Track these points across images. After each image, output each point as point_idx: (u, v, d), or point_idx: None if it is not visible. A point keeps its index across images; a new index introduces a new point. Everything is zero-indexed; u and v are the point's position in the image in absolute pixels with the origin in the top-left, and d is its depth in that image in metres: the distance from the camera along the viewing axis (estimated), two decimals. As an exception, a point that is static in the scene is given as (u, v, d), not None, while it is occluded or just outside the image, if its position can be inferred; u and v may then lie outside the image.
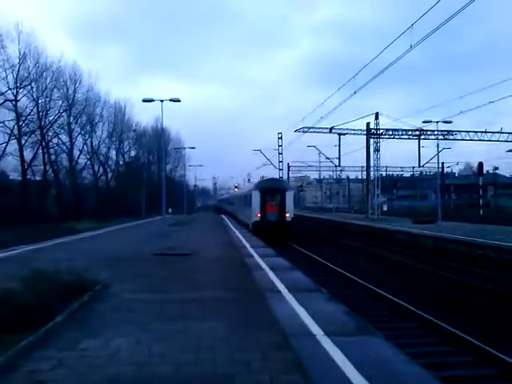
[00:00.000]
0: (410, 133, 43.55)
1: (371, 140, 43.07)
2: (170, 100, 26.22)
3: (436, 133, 39.04)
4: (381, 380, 4.53)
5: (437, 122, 34.04)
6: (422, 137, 43.72)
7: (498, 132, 43.42)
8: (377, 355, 5.37)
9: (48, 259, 13.11)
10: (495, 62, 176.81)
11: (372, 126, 42.60)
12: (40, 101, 45.72)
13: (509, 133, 42.74)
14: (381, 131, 42.66)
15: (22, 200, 42.20)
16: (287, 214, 28.50)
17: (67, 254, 15.84)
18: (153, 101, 26.39)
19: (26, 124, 44.03)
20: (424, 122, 34.61)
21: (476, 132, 43.68)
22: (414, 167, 67.38)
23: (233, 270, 12.02)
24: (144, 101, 26.40)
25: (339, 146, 46.05)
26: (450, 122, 35.63)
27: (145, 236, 25.29)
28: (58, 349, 5.56)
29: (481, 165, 55.97)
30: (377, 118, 42.16)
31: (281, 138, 62.29)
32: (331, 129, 44.18)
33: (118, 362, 5.11)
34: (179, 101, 26.24)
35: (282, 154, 62.98)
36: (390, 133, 43.35)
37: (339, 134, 45.06)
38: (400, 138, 44.31)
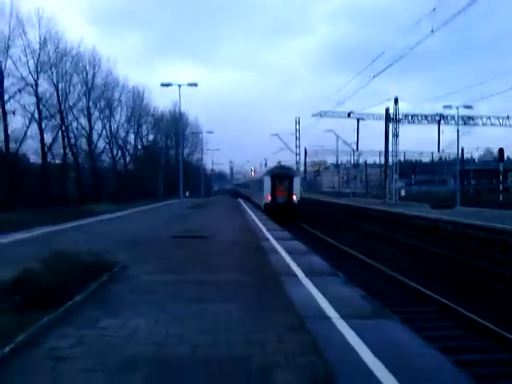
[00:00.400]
0: (429, 118, 42.98)
1: (390, 125, 42.59)
2: (188, 85, 26.29)
3: (456, 118, 38.39)
4: (396, 363, 4.53)
5: (457, 107, 33.49)
6: (442, 122, 43.13)
7: (519, 117, 42.55)
8: (392, 338, 5.38)
9: (68, 241, 13.35)
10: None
11: (391, 111, 42.10)
12: (60, 85, 46.15)
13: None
14: (400, 116, 42.13)
15: (42, 183, 42.83)
16: (294, 197, 32.48)
17: (87, 235, 16.10)
18: (171, 85, 26.49)
19: (46, 108, 44.50)
20: (444, 106, 34.21)
21: (498, 117, 42.89)
22: (433, 153, 66.78)
23: (249, 252, 12.08)
24: (162, 85, 26.50)
25: (357, 130, 45.82)
26: (470, 107, 35.10)
27: (163, 219, 25.53)
28: (78, 327, 5.68)
29: (501, 150, 55.04)
30: (396, 103, 41.63)
31: (298, 122, 62.17)
32: (349, 114, 43.83)
33: (136, 341, 5.20)
34: (196, 85, 26.28)
35: (299, 138, 62.88)
36: (410, 118, 42.82)
37: (357, 119, 44.70)
38: (419, 124, 43.80)
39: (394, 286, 12.10)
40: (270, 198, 32.58)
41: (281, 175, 33.52)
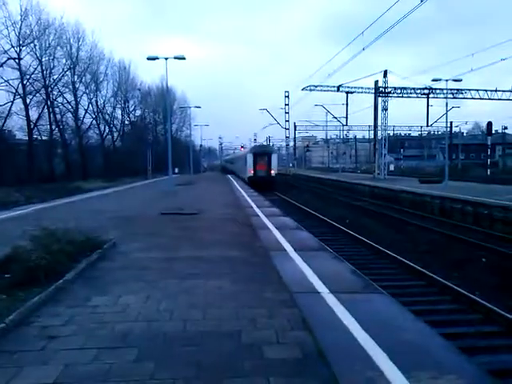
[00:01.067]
0: (418, 91, 42.89)
1: (379, 99, 42.44)
2: (175, 58, 25.84)
3: (445, 91, 38.31)
4: (384, 336, 4.61)
5: (446, 81, 33.23)
6: (431, 95, 43.11)
7: (508, 91, 42.63)
8: (381, 312, 5.47)
9: (57, 218, 13.28)
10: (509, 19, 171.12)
11: (380, 84, 41.91)
12: (43, 59, 45.20)
13: (519, 92, 41.96)
14: (389, 89, 41.98)
15: (28, 160, 42.35)
16: (272, 171, 38.92)
17: (76, 213, 16.04)
18: (157, 59, 26.04)
19: (30, 83, 43.65)
20: (433, 80, 33.84)
21: (486, 91, 42.91)
22: (421, 127, 66.91)
23: (239, 229, 12.10)
24: (149, 59, 26.04)
25: (346, 104, 45.60)
26: (460, 81, 34.84)
27: (152, 196, 25.44)
28: (69, 306, 5.69)
29: (489, 124, 55.19)
30: (385, 75, 41.42)
31: (287, 96, 61.70)
32: (339, 87, 43.55)
33: (127, 318, 5.24)
34: (184, 58, 25.84)
35: (288, 113, 62.61)
36: (399, 91, 42.72)
37: (347, 93, 44.48)
38: (409, 97, 43.76)
39: (383, 260, 12.27)
40: (252, 172, 38.78)
41: (261, 153, 40.02)
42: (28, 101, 43.32)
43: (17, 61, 41.32)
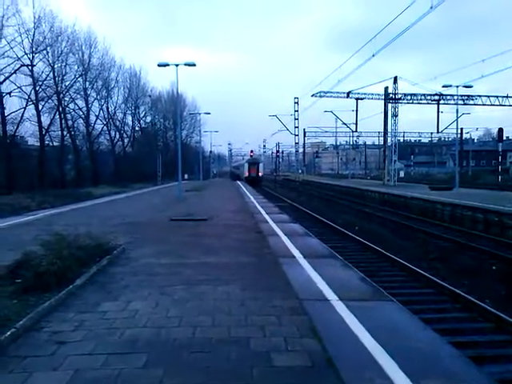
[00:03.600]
0: (428, 97, 42.74)
1: (389, 105, 42.35)
2: (185, 64, 25.97)
3: (456, 97, 38.14)
4: (394, 344, 4.59)
5: (457, 87, 33.19)
6: (441, 102, 42.92)
7: (519, 97, 42.31)
8: (390, 320, 5.44)
9: (68, 224, 13.39)
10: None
11: (390, 90, 41.84)
12: (56, 66, 45.52)
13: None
14: (399, 96, 41.89)
15: (40, 165, 42.67)
16: (260, 173, 63.75)
17: (86, 218, 16.15)
18: (168, 65, 26.19)
19: (42, 89, 43.94)
20: (444, 86, 33.81)
21: (497, 97, 42.65)
22: (432, 133, 66.59)
23: (248, 235, 12.11)
24: (159, 65, 26.19)
25: (356, 110, 45.54)
26: (470, 87, 34.77)
27: (162, 201, 25.54)
28: (79, 311, 5.72)
29: (501, 130, 54.70)
30: (395, 82, 41.38)
31: (297, 102, 61.66)
32: (348, 93, 43.54)
33: (136, 324, 5.25)
34: (194, 65, 25.97)
35: (297, 119, 62.56)
36: (409, 97, 42.61)
37: (356, 99, 44.43)
38: (419, 103, 43.64)
39: (394, 267, 12.20)
40: (247, 173, 63.39)
41: (252, 162, 65.62)
42: (40, 107, 43.66)
43: (29, 67, 41.69)
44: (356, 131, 52.92)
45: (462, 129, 62.50)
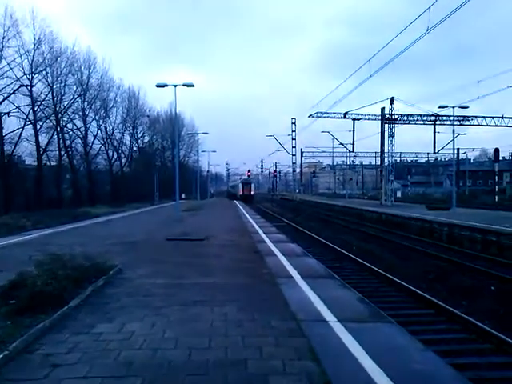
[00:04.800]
0: (425, 118, 43.04)
1: (386, 125, 42.62)
2: (184, 85, 26.14)
3: (452, 118, 38.43)
4: (393, 366, 4.52)
5: (453, 107, 33.43)
6: (438, 122, 43.21)
7: (515, 118, 42.67)
8: (389, 342, 5.37)
9: (64, 244, 13.31)
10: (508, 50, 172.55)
11: (387, 111, 42.15)
12: (55, 86, 45.79)
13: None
14: (396, 116, 42.19)
15: (37, 185, 42.62)
16: (252, 192, 71.96)
17: (82, 238, 16.05)
18: (166, 85, 26.37)
19: (41, 109, 44.14)
20: (440, 107, 34.01)
21: (493, 117, 43.02)
22: (428, 153, 66.92)
23: (245, 255, 12.04)
24: (158, 86, 26.36)
25: (353, 131, 45.86)
26: (466, 107, 35.03)
27: (159, 221, 25.46)
28: (73, 333, 5.64)
29: (497, 151, 55.14)
30: (392, 102, 41.70)
31: (294, 123, 62.22)
32: (345, 114, 43.85)
33: (131, 346, 5.17)
34: (193, 86, 26.14)
35: (295, 139, 63.02)
36: (405, 118, 42.89)
37: (353, 120, 44.76)
38: (415, 124, 43.89)
39: (390, 286, 12.12)
40: (241, 192, 71.35)
41: (245, 182, 74.68)
42: (38, 127, 43.78)
43: (29, 88, 41.97)
44: (353, 151, 53.23)
45: (458, 149, 62.96)
